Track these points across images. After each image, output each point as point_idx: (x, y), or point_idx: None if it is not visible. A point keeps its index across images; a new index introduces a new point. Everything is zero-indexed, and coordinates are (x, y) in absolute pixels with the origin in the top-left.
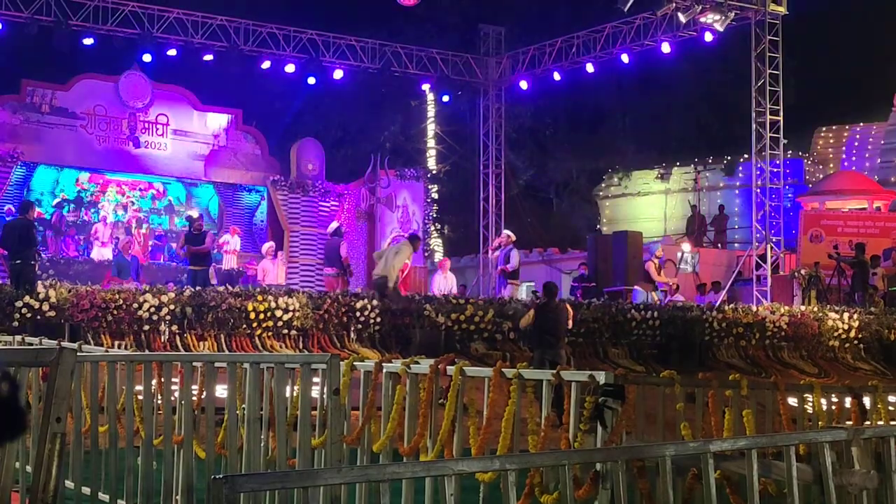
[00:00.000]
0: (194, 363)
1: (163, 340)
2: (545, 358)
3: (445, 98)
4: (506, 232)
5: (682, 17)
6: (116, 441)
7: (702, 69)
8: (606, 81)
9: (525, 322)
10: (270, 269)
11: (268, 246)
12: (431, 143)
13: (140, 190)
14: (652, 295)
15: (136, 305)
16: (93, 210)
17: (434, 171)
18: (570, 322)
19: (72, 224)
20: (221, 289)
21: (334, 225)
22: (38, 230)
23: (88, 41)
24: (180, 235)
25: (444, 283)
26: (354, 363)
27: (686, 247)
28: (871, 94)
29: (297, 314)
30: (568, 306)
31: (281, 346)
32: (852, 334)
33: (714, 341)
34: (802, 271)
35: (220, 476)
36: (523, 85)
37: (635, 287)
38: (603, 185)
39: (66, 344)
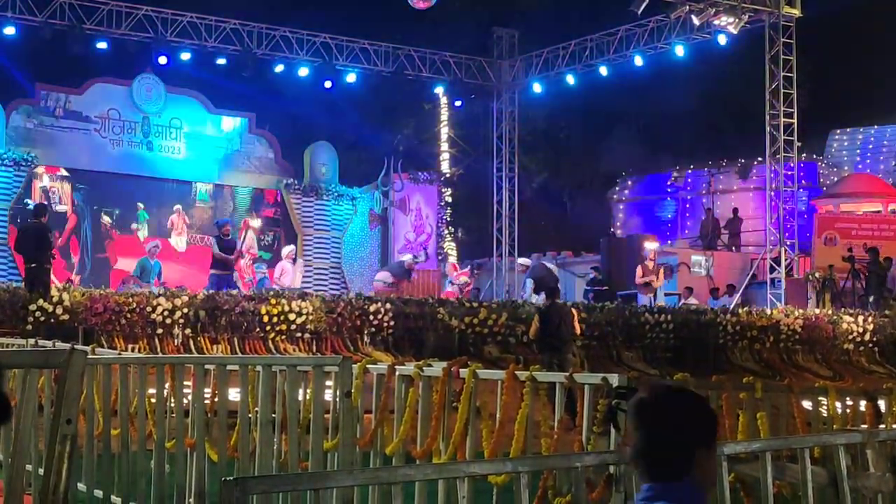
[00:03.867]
0: (206, 366)
1: (176, 344)
2: (552, 361)
3: (458, 102)
4: (519, 261)
5: (695, 20)
6: (129, 444)
7: (715, 72)
8: (620, 84)
9: (533, 331)
10: (289, 270)
11: (289, 249)
12: (445, 146)
13: None
14: (651, 298)
15: (149, 309)
16: None
17: (447, 175)
18: (578, 326)
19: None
20: (235, 292)
21: (409, 258)
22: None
23: (102, 45)
24: (210, 240)
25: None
26: (367, 366)
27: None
28: (886, 97)
29: (310, 317)
30: (573, 310)
31: (294, 350)
32: (867, 337)
33: (728, 344)
34: (817, 274)
35: (231, 478)
36: (537, 88)
37: (638, 293)
38: (616, 188)
39: (78, 347)
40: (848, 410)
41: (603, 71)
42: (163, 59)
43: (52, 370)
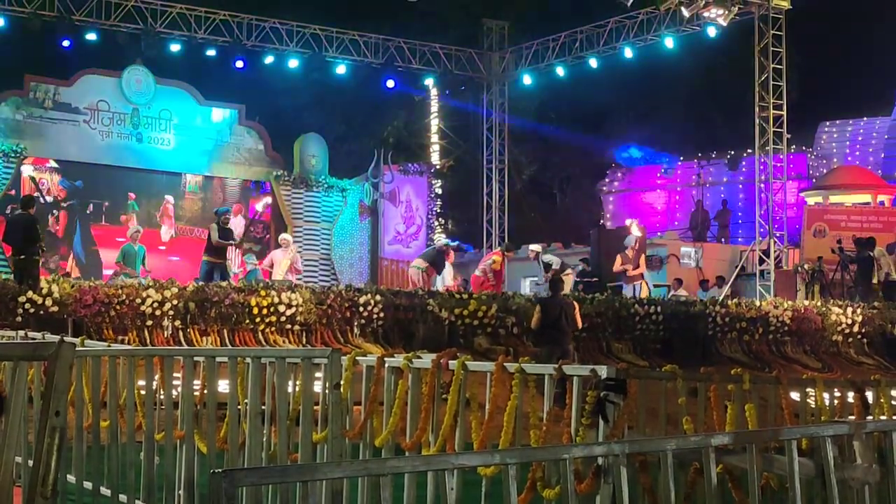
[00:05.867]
0: (196, 358)
1: (165, 335)
2: (553, 354)
3: (448, 93)
4: (531, 248)
5: (685, 12)
6: (118, 436)
7: (705, 64)
8: (610, 76)
9: (535, 323)
10: (280, 258)
11: (283, 237)
12: (435, 138)
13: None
14: (642, 287)
15: (139, 300)
16: None
17: (437, 166)
18: (579, 319)
19: None
20: (224, 284)
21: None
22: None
23: (91, 36)
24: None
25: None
26: (357, 358)
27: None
28: (875, 89)
29: (300, 309)
30: (575, 303)
31: (284, 342)
32: (855, 329)
33: (717, 336)
34: (806, 266)
35: (220, 470)
36: (526, 80)
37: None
38: (606, 179)
39: (67, 338)
40: (836, 402)
41: (593, 63)
42: (150, 53)
43: (41, 362)
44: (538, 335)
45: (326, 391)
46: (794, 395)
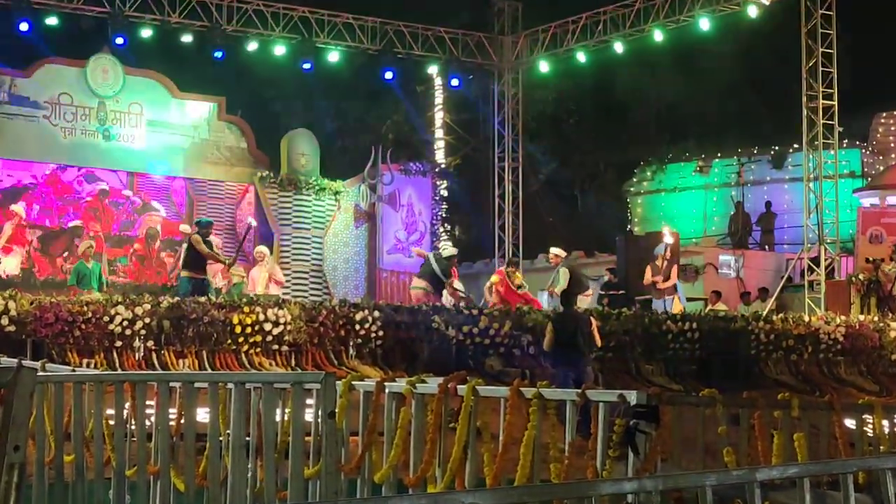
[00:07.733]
0: (171, 383)
1: (137, 358)
2: (568, 376)
3: (455, 83)
4: (553, 251)
5: None
6: (84, 472)
7: (745, 48)
8: (637, 62)
9: (548, 342)
10: (256, 275)
11: (258, 250)
12: (439, 133)
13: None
14: (674, 301)
15: (106, 319)
16: None
17: (443, 165)
18: (598, 337)
19: None
20: (203, 299)
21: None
22: None
23: (52, 21)
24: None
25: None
26: (353, 382)
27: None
28: None
29: (288, 327)
30: (592, 318)
31: (271, 364)
32: None
33: (761, 356)
34: (861, 276)
35: None
36: (543, 67)
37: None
38: (634, 179)
39: (26, 362)
40: None
41: (618, 48)
42: (120, 41)
43: None
44: (553, 356)
45: (319, 420)
46: (850, 423)
